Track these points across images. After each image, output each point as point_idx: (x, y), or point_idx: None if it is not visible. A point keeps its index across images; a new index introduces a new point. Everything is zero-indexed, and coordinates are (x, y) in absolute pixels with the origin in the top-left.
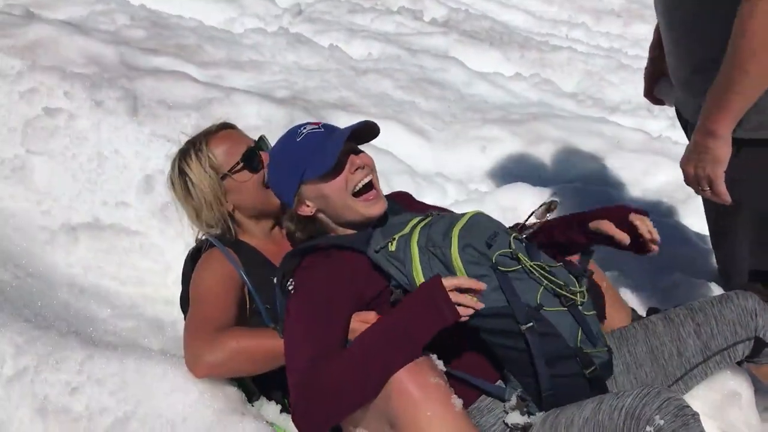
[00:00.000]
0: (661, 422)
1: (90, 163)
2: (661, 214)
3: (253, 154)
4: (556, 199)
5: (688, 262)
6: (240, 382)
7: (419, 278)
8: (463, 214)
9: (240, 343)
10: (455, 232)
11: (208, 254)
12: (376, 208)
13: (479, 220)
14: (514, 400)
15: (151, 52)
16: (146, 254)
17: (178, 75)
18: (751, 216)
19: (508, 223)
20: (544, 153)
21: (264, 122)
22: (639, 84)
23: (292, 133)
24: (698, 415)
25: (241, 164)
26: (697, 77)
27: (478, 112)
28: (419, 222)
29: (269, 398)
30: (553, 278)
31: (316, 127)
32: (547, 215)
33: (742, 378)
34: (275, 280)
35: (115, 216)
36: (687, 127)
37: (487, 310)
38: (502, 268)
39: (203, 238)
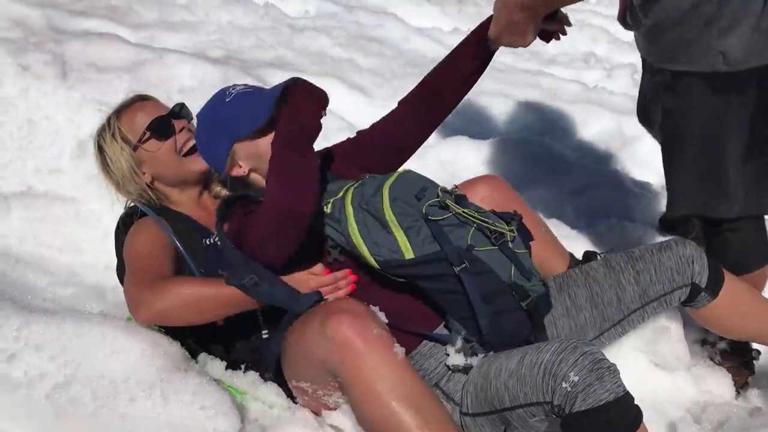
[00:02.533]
0: (576, 378)
1: (20, 131)
2: (598, 161)
3: (160, 123)
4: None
5: (622, 207)
6: (182, 341)
7: (355, 235)
8: (394, 173)
9: (187, 289)
10: (386, 187)
11: (139, 222)
12: None
13: (409, 176)
14: (459, 343)
15: (79, 15)
16: (83, 221)
17: (108, 37)
18: (693, 146)
19: (448, 176)
20: (483, 106)
21: (198, 83)
22: (575, 36)
23: (221, 95)
24: (614, 366)
25: (148, 133)
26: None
27: (416, 67)
28: (352, 185)
29: (212, 355)
30: (482, 218)
31: (245, 87)
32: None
33: (672, 313)
34: (216, 227)
35: (49, 183)
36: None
37: (422, 257)
38: (432, 218)
39: (132, 204)
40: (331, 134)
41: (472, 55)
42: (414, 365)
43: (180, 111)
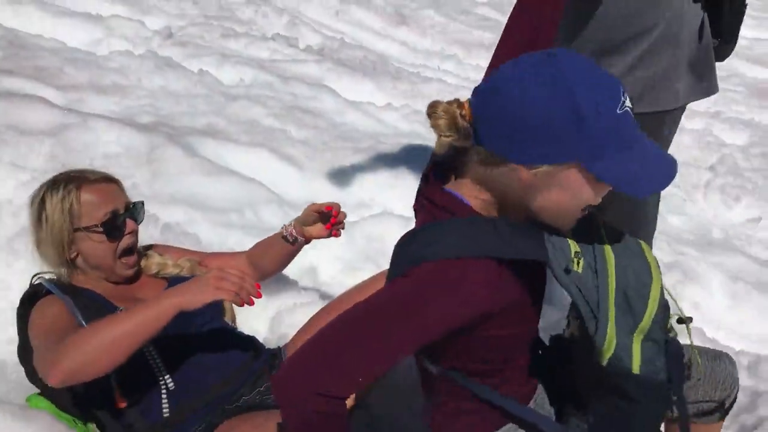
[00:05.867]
0: None
1: None
2: None
3: (115, 224)
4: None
5: None
6: (84, 424)
7: (611, 329)
8: (653, 269)
9: (93, 330)
10: (652, 305)
11: (44, 300)
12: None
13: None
14: None
15: (4, 74)
16: None
17: (32, 99)
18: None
19: (374, 253)
20: (413, 182)
21: (123, 149)
22: None
23: (607, 89)
24: None
25: (100, 228)
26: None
27: (349, 141)
28: (608, 249)
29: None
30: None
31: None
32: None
33: None
34: None
35: None
36: None
37: (645, 380)
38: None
39: (37, 282)
40: (258, 206)
41: None
42: None
43: (134, 211)
